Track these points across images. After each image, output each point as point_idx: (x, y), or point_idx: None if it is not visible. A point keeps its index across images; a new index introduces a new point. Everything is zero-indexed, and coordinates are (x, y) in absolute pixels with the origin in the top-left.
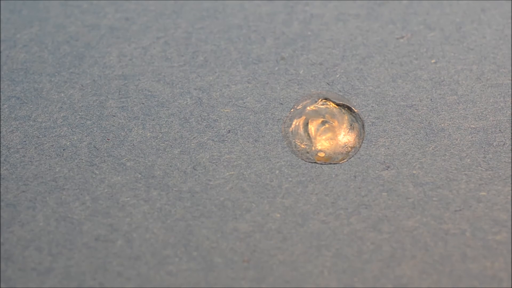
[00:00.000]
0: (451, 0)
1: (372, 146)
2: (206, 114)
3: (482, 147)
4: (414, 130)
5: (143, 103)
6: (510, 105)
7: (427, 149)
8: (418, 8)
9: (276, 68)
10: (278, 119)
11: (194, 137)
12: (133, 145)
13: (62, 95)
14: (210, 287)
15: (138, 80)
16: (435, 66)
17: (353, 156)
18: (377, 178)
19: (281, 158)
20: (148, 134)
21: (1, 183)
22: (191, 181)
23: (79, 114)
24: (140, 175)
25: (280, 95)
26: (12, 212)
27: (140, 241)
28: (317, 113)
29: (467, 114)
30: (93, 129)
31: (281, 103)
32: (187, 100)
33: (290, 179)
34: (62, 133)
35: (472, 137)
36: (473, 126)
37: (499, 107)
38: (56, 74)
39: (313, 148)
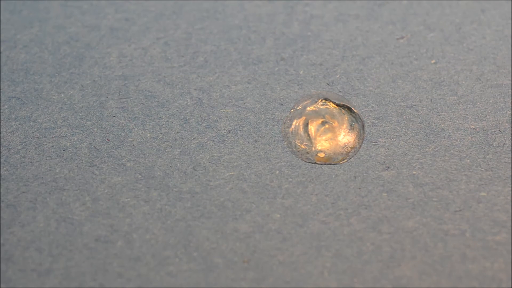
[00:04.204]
0: (451, 0)
1: (372, 146)
2: (206, 115)
3: (482, 147)
4: (414, 130)
5: (143, 104)
6: (510, 105)
7: (427, 149)
8: (418, 9)
9: (276, 69)
10: (278, 120)
11: (194, 138)
12: (133, 145)
13: (62, 95)
14: None
15: (138, 80)
16: (435, 66)
17: (353, 156)
18: (377, 178)
19: (281, 158)
20: (148, 135)
21: (2, 184)
22: (191, 182)
23: (79, 115)
24: (140, 176)
25: (280, 95)
26: (12, 213)
27: (140, 242)
28: (317, 114)
29: (467, 115)
30: (93, 129)
31: (281, 104)
32: (187, 100)
33: (290, 179)
34: (62, 134)
35: (472, 137)
36: (473, 127)
37: (499, 107)
38: (56, 74)
39: (313, 149)
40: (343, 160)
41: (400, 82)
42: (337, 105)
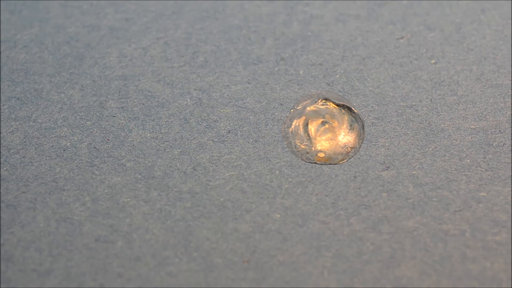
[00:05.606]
0: (451, 0)
1: (372, 146)
2: (206, 115)
3: (482, 147)
4: (414, 130)
5: (143, 104)
6: (510, 105)
7: (427, 149)
8: (418, 9)
9: (276, 69)
10: (278, 120)
11: (194, 138)
12: (133, 145)
13: (62, 95)
14: None
15: (138, 80)
16: (435, 66)
17: (353, 156)
18: (377, 178)
19: (281, 158)
20: (148, 135)
21: (2, 184)
22: (191, 182)
23: (79, 115)
24: (140, 176)
25: (280, 95)
26: (13, 213)
27: (140, 242)
28: (317, 114)
29: (467, 115)
30: (93, 129)
31: (281, 104)
32: (187, 100)
33: (290, 179)
34: (62, 134)
35: (472, 137)
36: (473, 127)
37: (499, 107)
38: (56, 74)
39: (313, 149)
40: (343, 160)
41: (400, 82)
42: (337, 105)
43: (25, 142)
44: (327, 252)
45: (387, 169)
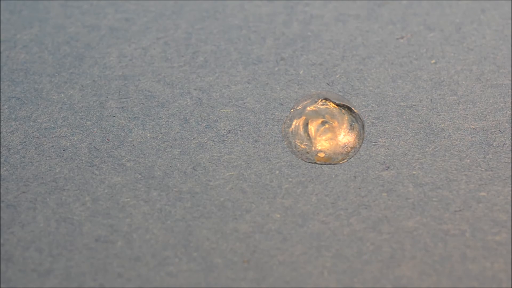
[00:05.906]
0: (451, 0)
1: (372, 146)
2: (206, 115)
3: (482, 147)
4: (414, 130)
5: (143, 104)
6: (510, 105)
7: (427, 149)
8: (418, 9)
9: (276, 69)
10: (278, 120)
11: (194, 138)
12: (133, 145)
13: (62, 95)
14: None
15: (138, 80)
16: (435, 66)
17: (353, 156)
18: (377, 178)
19: (281, 158)
20: (148, 135)
21: (2, 184)
22: (191, 182)
23: (79, 115)
24: (140, 176)
25: (280, 95)
26: (13, 213)
27: (140, 242)
28: (317, 114)
29: (467, 115)
30: (93, 129)
31: (281, 104)
32: (187, 100)
33: (290, 179)
34: (62, 134)
35: (472, 137)
36: (473, 127)
37: (499, 107)
38: (56, 74)
39: (313, 149)
40: (343, 160)
41: (400, 82)
42: (337, 105)
43: (25, 142)
44: (327, 252)
45: (387, 169)
